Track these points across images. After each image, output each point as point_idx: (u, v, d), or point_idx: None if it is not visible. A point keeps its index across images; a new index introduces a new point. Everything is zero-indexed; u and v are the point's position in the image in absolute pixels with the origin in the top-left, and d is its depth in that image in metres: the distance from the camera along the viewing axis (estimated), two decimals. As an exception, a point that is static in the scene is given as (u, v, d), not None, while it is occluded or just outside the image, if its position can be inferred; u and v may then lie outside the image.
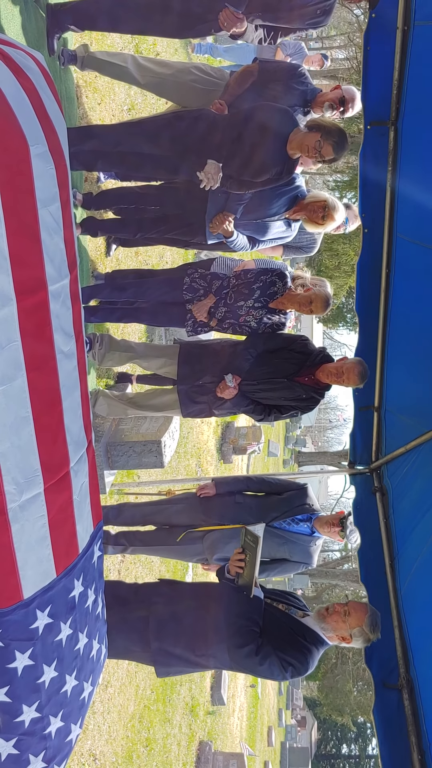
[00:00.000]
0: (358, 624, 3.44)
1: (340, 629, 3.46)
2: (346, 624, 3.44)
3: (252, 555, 3.39)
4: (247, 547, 3.44)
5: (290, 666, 3.37)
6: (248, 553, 3.43)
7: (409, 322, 4.21)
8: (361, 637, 3.44)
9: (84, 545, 2.64)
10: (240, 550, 3.47)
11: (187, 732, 7.91)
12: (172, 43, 7.86)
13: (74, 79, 4.94)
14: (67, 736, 2.66)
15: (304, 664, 3.40)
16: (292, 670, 3.38)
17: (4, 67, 2.07)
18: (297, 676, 3.45)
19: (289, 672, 3.39)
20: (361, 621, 3.44)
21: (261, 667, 3.38)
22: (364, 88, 3.72)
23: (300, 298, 4.58)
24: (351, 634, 3.44)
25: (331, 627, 3.47)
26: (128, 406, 5.02)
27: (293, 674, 3.41)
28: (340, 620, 3.46)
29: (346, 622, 3.44)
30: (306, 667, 3.42)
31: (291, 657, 3.38)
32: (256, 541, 3.34)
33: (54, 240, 2.23)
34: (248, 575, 3.44)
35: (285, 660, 3.36)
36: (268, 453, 18.69)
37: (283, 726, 27.50)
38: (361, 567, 4.50)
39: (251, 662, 3.36)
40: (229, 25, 4.07)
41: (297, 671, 3.40)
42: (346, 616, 3.45)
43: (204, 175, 4.11)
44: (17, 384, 2.12)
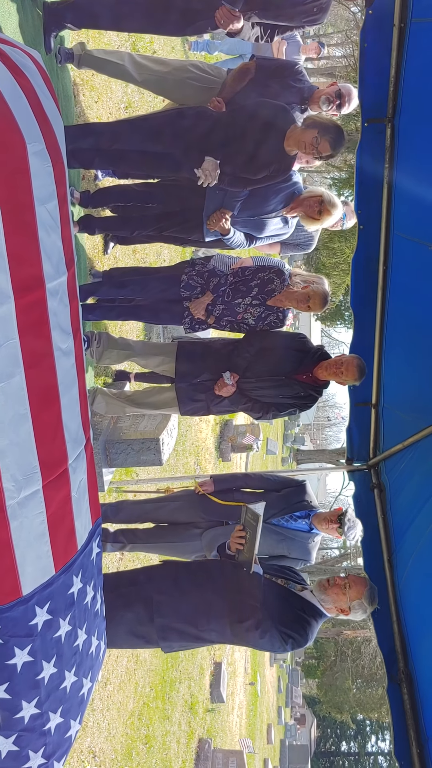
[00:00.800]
0: (357, 596, 3.53)
1: (340, 601, 3.55)
2: (346, 596, 3.53)
3: (252, 532, 3.48)
4: (247, 525, 3.53)
5: (290, 638, 3.47)
6: (248, 530, 3.52)
7: (407, 318, 4.22)
8: (360, 610, 3.53)
9: (83, 542, 2.65)
10: (241, 527, 3.57)
11: (187, 729, 7.92)
12: (169, 40, 7.86)
13: (71, 77, 4.94)
14: (66, 732, 2.67)
15: (303, 636, 3.49)
16: (292, 642, 3.48)
17: (1, 66, 2.08)
18: (297, 647, 3.54)
19: (290, 644, 3.49)
20: (361, 594, 3.54)
21: (262, 641, 3.47)
22: (360, 85, 3.71)
23: (298, 295, 4.59)
24: (350, 606, 3.53)
25: (331, 599, 3.57)
26: (126, 404, 5.02)
27: (293, 646, 3.51)
28: (340, 592, 3.55)
29: (346, 595, 3.53)
30: (305, 639, 3.51)
31: (291, 630, 3.47)
32: (257, 518, 3.43)
33: (51, 237, 2.24)
34: (248, 551, 3.53)
35: (285, 633, 3.46)
36: (266, 451, 18.70)
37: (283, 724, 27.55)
38: (365, 558, 4.52)
39: (252, 636, 3.45)
40: (226, 23, 4.07)
41: (297, 643, 3.49)
42: (346, 589, 3.55)
43: (201, 172, 4.12)
44: (15, 381, 2.13)
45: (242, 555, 3.58)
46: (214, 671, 9.85)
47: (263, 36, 4.43)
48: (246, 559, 3.56)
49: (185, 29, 4.37)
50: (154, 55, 6.31)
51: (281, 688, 27.32)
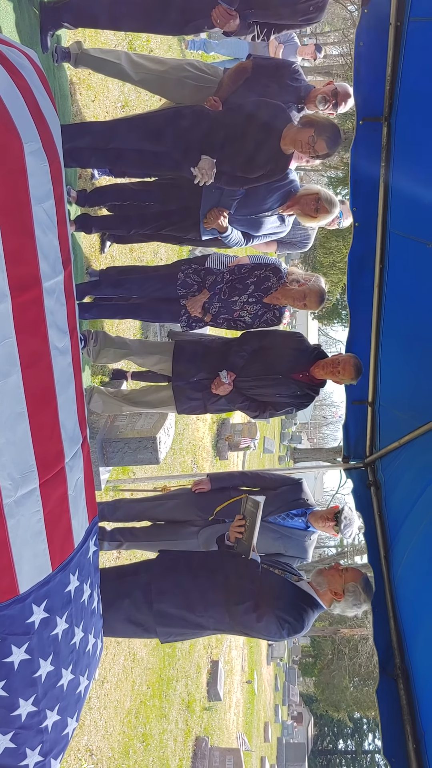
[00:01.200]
0: (353, 579, 3.60)
1: (335, 582, 3.61)
2: (342, 578, 3.61)
3: (252, 520, 3.55)
4: (247, 514, 3.61)
5: (287, 623, 3.50)
6: (248, 519, 3.59)
7: (403, 317, 4.22)
8: (353, 595, 3.56)
9: (79, 540, 2.66)
10: (241, 516, 3.63)
11: (184, 727, 7.93)
12: (165, 40, 7.86)
13: (68, 76, 4.94)
14: (63, 730, 2.68)
15: (300, 622, 3.52)
16: (288, 627, 3.51)
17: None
18: (293, 634, 3.57)
19: (286, 630, 3.52)
20: (357, 578, 3.61)
21: (259, 624, 3.50)
22: (356, 84, 3.72)
23: (294, 293, 4.60)
24: (344, 588, 3.57)
25: (326, 580, 3.63)
26: (123, 402, 5.02)
27: (289, 632, 3.54)
28: (336, 574, 3.63)
29: (342, 577, 3.61)
30: (302, 626, 3.54)
31: (288, 615, 3.51)
32: (257, 506, 3.52)
33: (48, 237, 2.24)
34: (247, 539, 3.60)
35: (282, 618, 3.49)
36: (263, 449, 18.73)
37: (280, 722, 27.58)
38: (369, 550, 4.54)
39: (249, 619, 3.48)
40: (222, 22, 4.08)
41: (293, 629, 3.52)
42: (344, 572, 3.63)
43: (198, 170, 4.12)
44: (12, 380, 2.13)
45: (241, 544, 3.65)
46: (211, 669, 9.86)
47: (260, 35, 4.44)
48: (244, 547, 3.62)
49: (182, 28, 4.37)
50: (151, 54, 6.31)
51: (278, 686, 27.34)
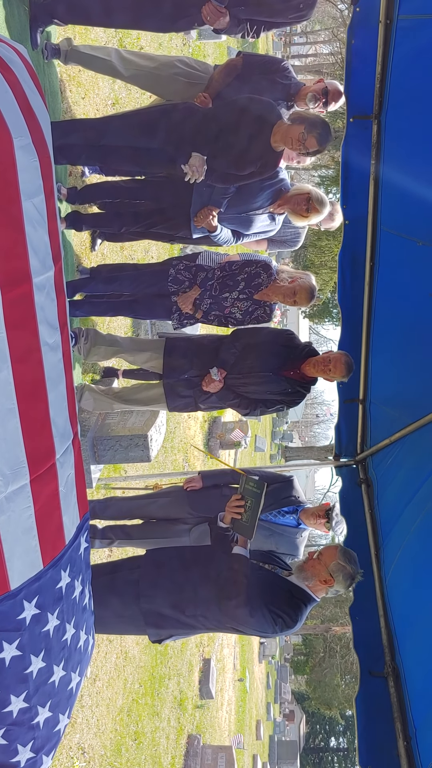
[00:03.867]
0: (332, 559, 3.55)
1: (318, 571, 3.58)
2: (322, 563, 3.57)
3: (256, 500, 3.54)
4: (247, 494, 3.59)
5: (280, 619, 3.48)
6: (249, 499, 3.57)
7: (393, 314, 4.24)
8: (341, 572, 3.53)
9: (71, 536, 2.65)
10: (239, 496, 3.61)
11: (176, 725, 7.93)
12: (156, 37, 7.85)
13: (58, 73, 4.93)
14: (55, 727, 2.67)
15: (293, 617, 3.51)
16: (281, 623, 3.49)
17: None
18: (286, 630, 3.54)
19: (279, 625, 3.50)
20: (334, 556, 3.56)
21: (252, 620, 3.48)
22: (347, 82, 3.73)
23: (284, 290, 4.61)
24: (330, 573, 3.54)
25: (311, 573, 3.60)
26: (114, 400, 5.02)
27: (282, 628, 3.51)
28: (315, 563, 3.60)
29: (321, 562, 3.57)
30: (295, 621, 3.52)
31: (280, 610, 3.49)
32: (261, 486, 3.52)
33: (38, 232, 2.24)
34: (248, 520, 3.58)
35: (275, 613, 3.48)
36: (254, 448, 18.74)
37: (272, 720, 27.61)
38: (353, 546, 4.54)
39: (242, 614, 3.47)
40: (213, 20, 4.07)
41: (286, 624, 3.50)
42: (320, 557, 3.59)
43: (189, 168, 4.12)
44: (2, 376, 2.13)
45: (240, 525, 3.62)
46: (203, 668, 9.87)
47: (249, 32, 4.44)
48: (245, 528, 3.60)
49: (173, 25, 4.37)
50: (142, 51, 6.30)
51: (270, 684, 27.36)
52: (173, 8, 4.16)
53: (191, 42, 9.88)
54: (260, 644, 21.78)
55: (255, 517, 3.55)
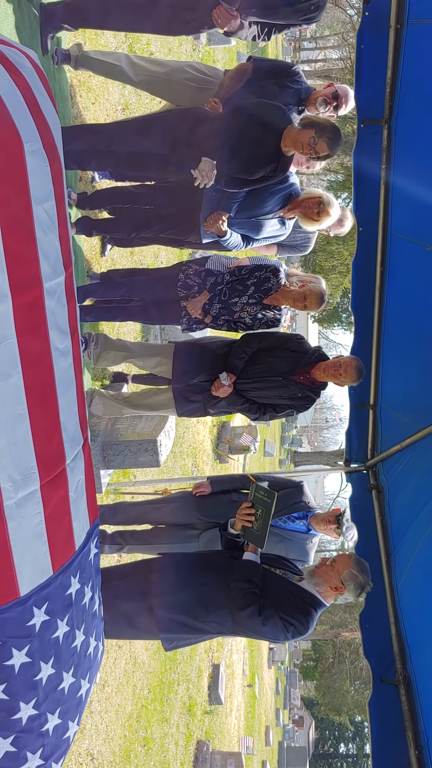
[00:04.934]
0: (345, 567, 3.55)
1: (330, 578, 3.56)
2: (335, 570, 3.56)
3: (266, 510, 3.51)
4: (257, 502, 3.56)
5: (291, 626, 3.48)
6: (259, 508, 3.55)
7: (404, 319, 4.22)
8: (353, 582, 3.53)
9: (80, 542, 2.65)
10: (249, 504, 3.59)
11: (185, 731, 7.90)
12: (166, 42, 7.86)
13: (68, 78, 4.94)
14: (64, 734, 2.66)
15: (304, 624, 3.50)
16: (293, 629, 3.49)
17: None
18: (297, 636, 3.55)
19: (291, 632, 3.50)
20: (348, 564, 3.56)
21: (264, 628, 3.48)
22: (357, 87, 3.72)
23: (294, 294, 4.59)
24: (342, 580, 3.53)
25: (322, 579, 3.59)
26: (124, 405, 5.01)
27: (294, 634, 3.51)
28: (328, 569, 3.59)
29: (334, 569, 3.56)
30: (306, 627, 3.51)
31: (292, 617, 3.48)
32: (272, 496, 3.48)
33: (49, 237, 2.24)
34: (259, 529, 3.56)
35: (286, 620, 3.47)
36: (264, 453, 18.70)
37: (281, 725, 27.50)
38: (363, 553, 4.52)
39: (254, 623, 3.46)
40: (223, 22, 4.07)
41: (298, 631, 3.50)
42: (333, 564, 3.58)
43: (198, 172, 4.12)
44: (13, 381, 2.12)
45: (250, 533, 3.60)
46: (212, 673, 9.84)
47: (260, 35, 4.43)
48: (255, 537, 3.58)
49: (182, 28, 4.37)
50: (151, 57, 6.31)
51: (279, 689, 27.27)
52: (184, 11, 4.16)
53: (201, 47, 9.89)
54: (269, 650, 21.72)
55: (266, 526, 3.53)
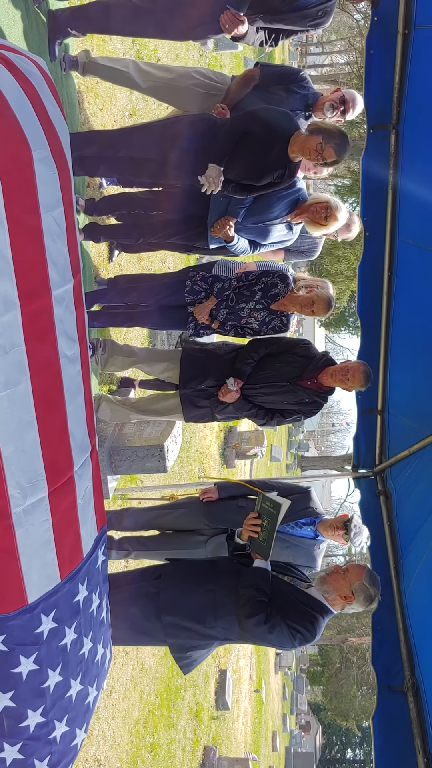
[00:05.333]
0: (357, 578, 3.53)
1: (341, 586, 3.55)
2: (346, 580, 3.54)
3: (272, 521, 3.49)
4: (264, 513, 3.54)
5: (298, 633, 3.47)
6: (266, 519, 3.52)
7: (412, 324, 4.21)
8: (363, 593, 3.51)
9: (88, 549, 2.64)
10: (256, 515, 3.57)
11: (192, 737, 7.88)
12: (173, 48, 7.88)
13: (76, 84, 4.95)
14: (72, 741, 2.66)
15: (311, 632, 3.49)
16: (300, 637, 3.48)
17: (7, 73, 2.08)
18: (304, 643, 3.54)
19: (297, 639, 3.48)
20: (361, 575, 3.54)
21: (270, 636, 3.47)
22: (366, 92, 3.73)
23: (302, 300, 4.59)
24: (352, 591, 3.52)
25: (333, 587, 3.57)
26: (131, 410, 5.01)
27: (301, 642, 3.50)
28: (339, 577, 3.56)
29: (346, 579, 3.54)
30: (313, 635, 3.50)
31: (299, 625, 3.47)
32: (278, 508, 3.46)
33: (57, 244, 2.24)
34: (265, 540, 3.54)
35: (293, 628, 3.46)
36: (271, 458, 18.68)
37: (288, 731, 27.43)
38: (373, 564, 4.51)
39: (261, 631, 3.45)
40: (231, 28, 4.07)
41: (304, 638, 3.49)
42: (345, 573, 3.56)
43: (205, 179, 4.12)
44: (21, 388, 2.12)
45: (257, 544, 3.59)
46: (219, 679, 9.81)
47: (268, 40, 4.43)
48: (261, 548, 3.56)
49: (189, 34, 4.37)
50: (159, 63, 6.32)
51: (286, 695, 27.21)
52: (191, 16, 4.16)
53: (208, 53, 9.91)
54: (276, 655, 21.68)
55: (272, 538, 3.52)
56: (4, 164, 1.96)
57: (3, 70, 2.08)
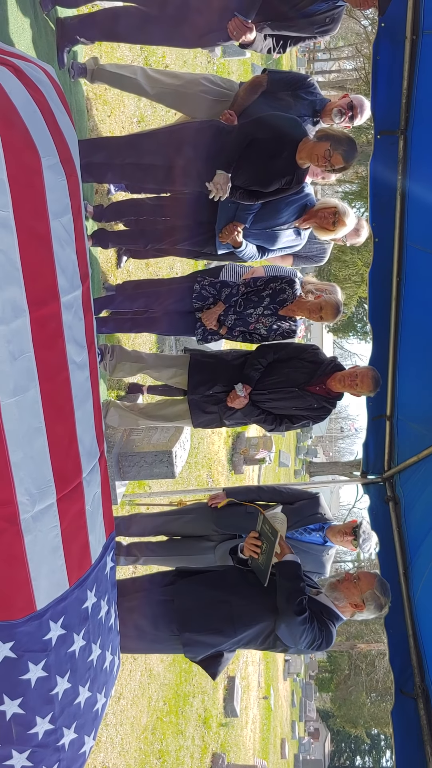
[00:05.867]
0: (369, 587, 3.52)
1: (352, 595, 3.53)
2: (358, 588, 3.53)
3: (269, 545, 3.44)
4: (263, 535, 3.49)
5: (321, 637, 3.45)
6: (265, 541, 3.48)
7: (420, 329, 4.20)
8: (373, 603, 3.49)
9: (97, 556, 2.64)
10: (257, 534, 3.53)
11: (200, 744, 7.86)
12: (181, 55, 7.90)
13: (84, 91, 4.97)
14: (80, 748, 2.65)
15: (326, 637, 3.47)
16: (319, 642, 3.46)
17: (16, 80, 2.09)
18: (321, 649, 3.51)
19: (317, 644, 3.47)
20: (372, 584, 3.53)
21: (305, 636, 3.42)
22: (373, 98, 3.73)
23: (310, 305, 4.58)
24: (363, 599, 3.51)
25: (344, 594, 3.56)
26: (139, 416, 5.02)
27: (319, 647, 3.48)
28: (351, 585, 3.55)
29: (357, 587, 3.53)
30: (328, 641, 3.48)
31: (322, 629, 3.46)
32: (275, 534, 3.41)
33: (66, 251, 2.24)
34: (264, 564, 3.49)
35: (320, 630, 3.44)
36: (279, 463, 18.63)
37: (297, 738, 27.30)
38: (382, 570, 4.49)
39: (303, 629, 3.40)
40: (239, 35, 4.07)
41: (325, 643, 3.47)
42: (357, 581, 3.54)
43: (213, 185, 4.12)
44: (30, 395, 2.13)
45: (256, 564, 3.56)
46: (227, 685, 9.78)
47: (275, 47, 4.44)
48: (261, 571, 3.52)
49: (197, 41, 4.38)
50: (167, 69, 6.34)
51: (295, 702, 27.08)
52: (199, 24, 4.17)
53: (216, 59, 9.93)
54: (285, 661, 21.59)
55: (268, 564, 3.46)
56: (13, 172, 1.97)
57: (12, 77, 2.08)
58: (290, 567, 3.49)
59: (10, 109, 2.01)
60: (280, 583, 3.46)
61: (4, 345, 2.01)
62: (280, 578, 3.47)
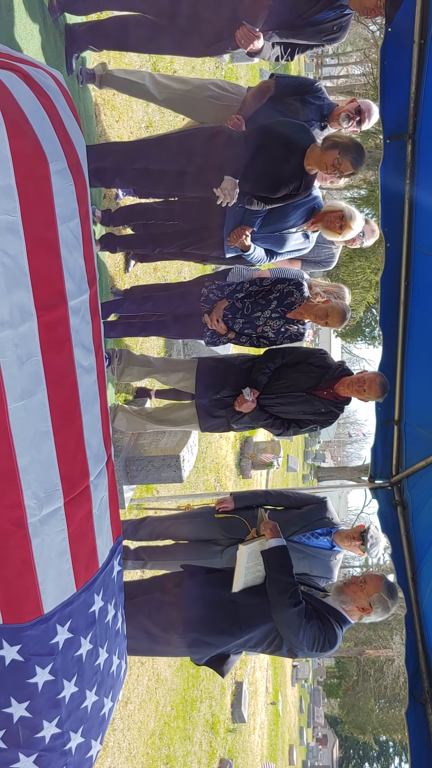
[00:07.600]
0: (375, 590, 3.51)
1: (359, 598, 3.53)
2: (364, 592, 3.53)
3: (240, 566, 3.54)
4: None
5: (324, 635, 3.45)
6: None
7: (428, 334, 4.19)
8: (381, 606, 3.49)
9: (104, 559, 2.64)
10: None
11: (208, 749, 7.84)
12: (189, 60, 7.93)
13: (92, 97, 4.99)
14: (87, 753, 2.65)
15: (329, 637, 3.46)
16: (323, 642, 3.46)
17: (24, 86, 2.10)
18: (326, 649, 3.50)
19: (321, 643, 3.46)
20: (378, 587, 3.52)
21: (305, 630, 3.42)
22: (381, 102, 3.73)
23: (317, 310, 4.57)
24: (370, 603, 3.51)
25: (350, 598, 3.56)
26: (147, 420, 5.02)
27: (323, 647, 3.47)
28: (357, 589, 3.55)
29: (364, 590, 3.53)
30: (332, 641, 3.48)
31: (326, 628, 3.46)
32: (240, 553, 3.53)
33: (74, 256, 2.25)
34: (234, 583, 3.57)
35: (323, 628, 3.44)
36: (287, 468, 18.60)
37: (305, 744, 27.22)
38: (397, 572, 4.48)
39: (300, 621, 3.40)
40: (247, 43, 4.08)
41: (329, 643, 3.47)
42: (363, 584, 3.54)
43: (221, 191, 4.13)
44: (37, 398, 2.13)
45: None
46: (235, 691, 9.76)
47: (283, 55, 4.44)
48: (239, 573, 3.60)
49: (205, 50, 4.39)
50: (175, 75, 6.36)
51: (303, 707, 27.01)
52: (208, 33, 4.18)
53: (224, 65, 9.96)
54: (293, 667, 21.54)
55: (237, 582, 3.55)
56: (21, 177, 1.97)
57: (20, 83, 2.09)
58: (278, 556, 3.50)
59: (18, 114, 2.02)
60: (271, 576, 3.47)
61: (12, 349, 2.02)
62: (270, 571, 3.48)
